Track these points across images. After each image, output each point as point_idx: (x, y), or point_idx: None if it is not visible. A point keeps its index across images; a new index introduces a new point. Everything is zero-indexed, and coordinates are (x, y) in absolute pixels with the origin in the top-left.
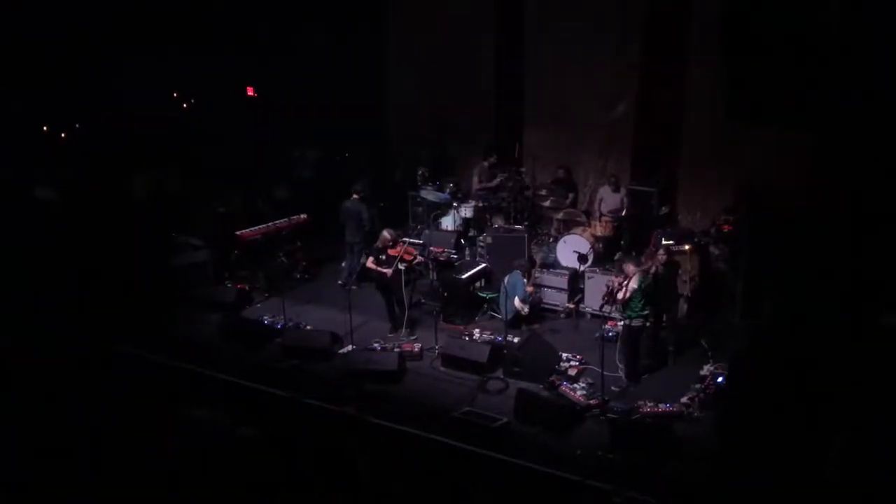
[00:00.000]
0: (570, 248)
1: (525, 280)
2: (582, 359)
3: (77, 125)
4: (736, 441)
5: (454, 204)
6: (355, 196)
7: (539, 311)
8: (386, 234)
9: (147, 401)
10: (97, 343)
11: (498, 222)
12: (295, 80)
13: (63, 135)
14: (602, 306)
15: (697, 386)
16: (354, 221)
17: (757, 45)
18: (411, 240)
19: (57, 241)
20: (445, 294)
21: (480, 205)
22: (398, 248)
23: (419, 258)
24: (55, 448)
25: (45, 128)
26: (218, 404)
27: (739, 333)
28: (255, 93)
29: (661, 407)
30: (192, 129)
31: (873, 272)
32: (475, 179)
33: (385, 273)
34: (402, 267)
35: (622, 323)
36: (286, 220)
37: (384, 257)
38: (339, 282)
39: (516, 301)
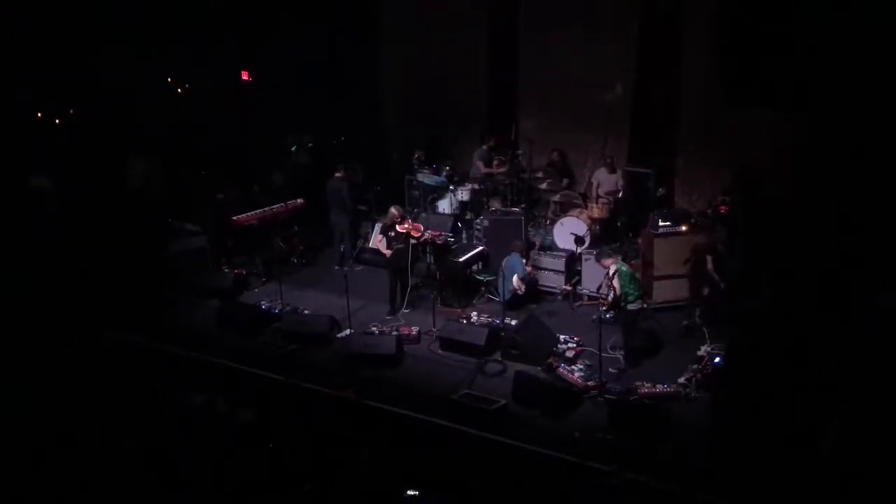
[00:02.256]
0: (567, 231)
1: (524, 261)
2: (579, 341)
3: (71, 111)
4: (733, 421)
5: (451, 187)
6: (337, 174)
7: (535, 291)
8: (393, 210)
9: (145, 388)
10: (94, 331)
11: (495, 205)
12: (290, 65)
13: (57, 121)
14: (599, 289)
15: (695, 367)
16: (337, 201)
17: (752, 35)
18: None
19: (52, 229)
20: (443, 277)
21: (477, 188)
22: (406, 225)
23: (427, 235)
24: (53, 437)
25: (39, 114)
26: (216, 391)
27: (737, 314)
28: (249, 77)
29: (659, 388)
30: (186, 114)
31: (866, 254)
32: (480, 164)
33: (384, 254)
34: (413, 241)
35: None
36: (283, 205)
37: (393, 234)
38: (336, 266)
39: (515, 279)
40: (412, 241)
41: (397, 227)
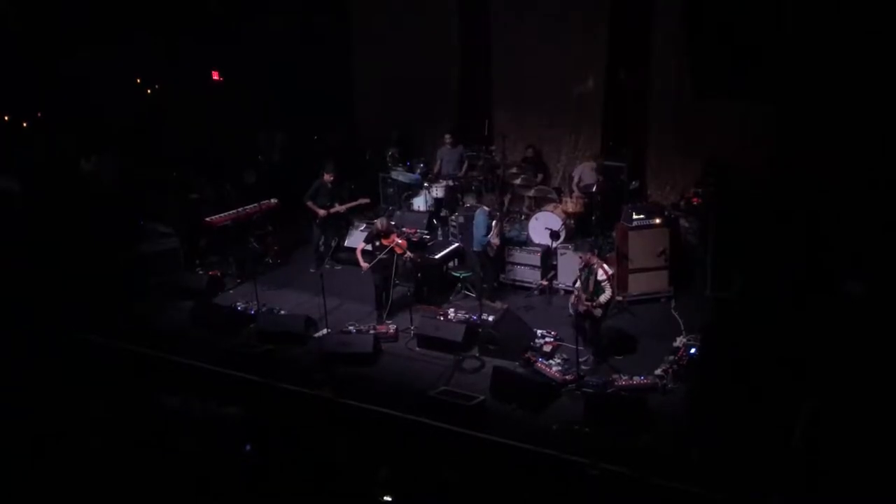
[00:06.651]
0: (543, 225)
1: (491, 223)
2: (556, 335)
3: (39, 114)
4: (708, 411)
5: (425, 184)
6: (325, 177)
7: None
8: (378, 224)
9: (120, 390)
10: (67, 333)
11: (470, 201)
12: (261, 64)
13: (25, 124)
14: (575, 282)
15: (671, 358)
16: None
17: (720, 26)
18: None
19: (22, 232)
20: (419, 275)
21: (451, 184)
22: (390, 239)
23: (408, 254)
24: (30, 441)
25: (6, 117)
26: (192, 392)
27: (710, 305)
28: (220, 77)
29: (636, 380)
30: (157, 115)
31: (835, 242)
32: (438, 162)
33: (361, 267)
34: (389, 255)
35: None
36: (256, 205)
37: (378, 244)
38: (325, 265)
39: (488, 238)
40: (392, 255)
41: (382, 240)
